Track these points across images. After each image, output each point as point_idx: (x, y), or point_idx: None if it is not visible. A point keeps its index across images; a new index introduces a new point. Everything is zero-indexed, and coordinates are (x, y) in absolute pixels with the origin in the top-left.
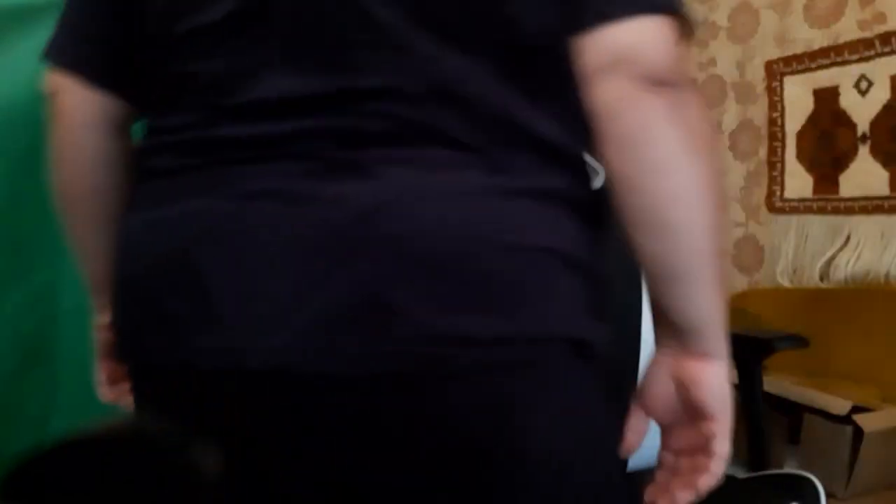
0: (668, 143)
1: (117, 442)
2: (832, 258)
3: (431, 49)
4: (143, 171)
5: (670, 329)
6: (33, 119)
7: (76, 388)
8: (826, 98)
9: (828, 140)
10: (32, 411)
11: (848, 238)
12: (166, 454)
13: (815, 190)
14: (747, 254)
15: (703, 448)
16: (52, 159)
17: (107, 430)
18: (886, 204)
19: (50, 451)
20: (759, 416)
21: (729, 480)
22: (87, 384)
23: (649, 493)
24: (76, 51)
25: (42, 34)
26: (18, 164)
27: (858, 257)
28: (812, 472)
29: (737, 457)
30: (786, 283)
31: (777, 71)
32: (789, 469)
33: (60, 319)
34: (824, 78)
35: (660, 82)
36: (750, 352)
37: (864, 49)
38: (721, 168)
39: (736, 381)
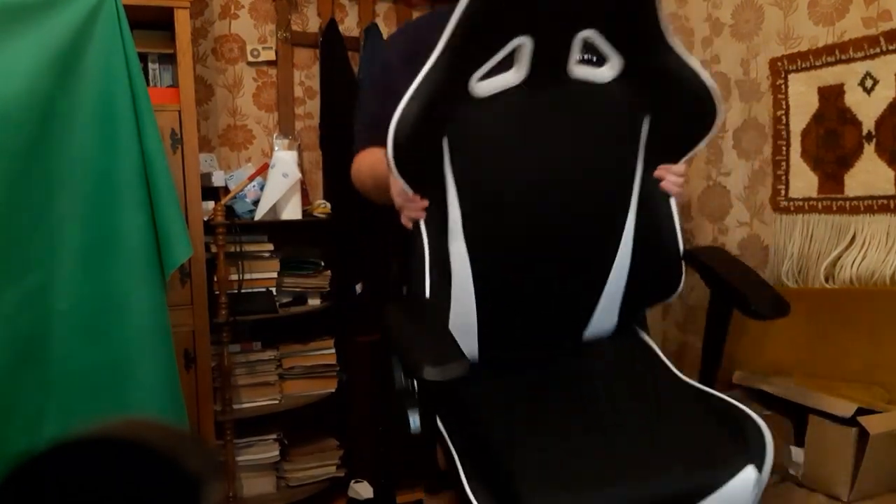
0: None
1: (110, 444)
2: (837, 258)
3: None
4: None
5: None
6: (27, 118)
7: (70, 389)
8: (831, 96)
9: (833, 139)
10: (26, 412)
11: (853, 238)
12: (158, 456)
13: (820, 189)
14: (751, 254)
15: None
16: None
17: (100, 431)
18: (892, 203)
19: (44, 453)
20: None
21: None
22: (81, 385)
23: None
24: None
25: (36, 33)
26: (13, 165)
27: (864, 257)
28: (817, 474)
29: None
30: (790, 284)
31: (781, 69)
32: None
33: (54, 320)
34: (829, 76)
35: None
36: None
37: (869, 47)
38: None
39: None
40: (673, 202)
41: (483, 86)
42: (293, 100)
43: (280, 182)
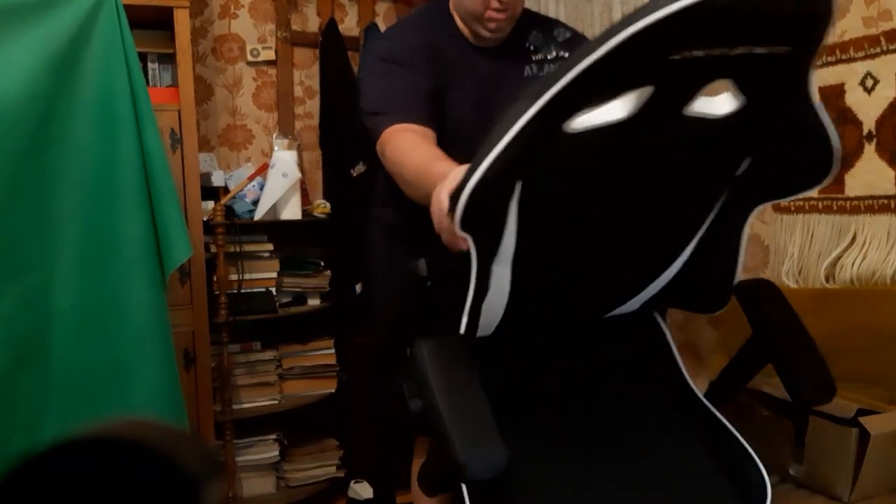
0: None
1: (110, 444)
2: (838, 258)
3: None
4: None
5: None
6: (27, 117)
7: (69, 389)
8: (831, 96)
9: None
10: (26, 412)
11: (854, 238)
12: (157, 456)
13: (821, 189)
14: (752, 254)
15: None
16: None
17: (99, 431)
18: (893, 203)
19: (44, 453)
20: None
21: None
22: (80, 385)
23: None
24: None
25: (36, 32)
26: (12, 164)
27: (864, 257)
28: (817, 475)
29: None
30: (791, 284)
31: None
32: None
33: (54, 321)
34: (829, 75)
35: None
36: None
37: (869, 46)
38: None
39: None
40: (744, 237)
41: (579, 120)
42: (293, 99)
43: (280, 182)
